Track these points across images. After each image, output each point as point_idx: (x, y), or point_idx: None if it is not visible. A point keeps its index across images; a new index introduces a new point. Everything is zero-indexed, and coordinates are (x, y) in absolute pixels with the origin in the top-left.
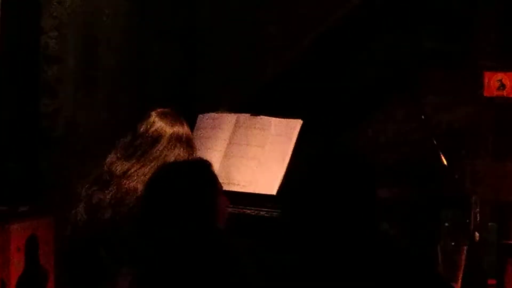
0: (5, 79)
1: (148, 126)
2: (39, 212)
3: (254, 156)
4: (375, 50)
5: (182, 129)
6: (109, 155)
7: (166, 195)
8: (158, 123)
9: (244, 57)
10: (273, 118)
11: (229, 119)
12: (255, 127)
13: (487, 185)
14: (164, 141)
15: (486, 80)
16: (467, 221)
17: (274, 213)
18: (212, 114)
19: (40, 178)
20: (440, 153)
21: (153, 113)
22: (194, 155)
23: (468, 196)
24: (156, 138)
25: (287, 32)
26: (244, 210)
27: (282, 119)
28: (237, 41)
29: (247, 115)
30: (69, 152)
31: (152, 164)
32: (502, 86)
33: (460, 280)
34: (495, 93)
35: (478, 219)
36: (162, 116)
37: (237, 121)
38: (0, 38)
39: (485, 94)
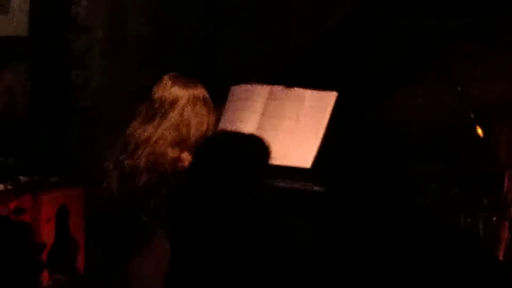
0: (36, 49)
1: (164, 90)
2: (69, 183)
3: (288, 129)
4: (406, 24)
5: (196, 90)
6: (131, 124)
7: (213, 165)
8: (173, 87)
9: (271, 27)
10: (308, 90)
11: (262, 90)
12: (289, 99)
13: None
14: (181, 103)
15: None
16: (504, 195)
17: (308, 186)
18: (245, 86)
19: (69, 148)
20: (476, 124)
21: (166, 77)
22: (213, 112)
23: (503, 170)
24: (174, 100)
25: (316, 3)
26: (278, 182)
27: (317, 91)
28: (265, 11)
29: (281, 87)
30: (97, 123)
31: (174, 126)
32: None
33: (502, 255)
34: None
35: None
36: (175, 79)
37: (270, 93)
38: (30, 9)
39: None
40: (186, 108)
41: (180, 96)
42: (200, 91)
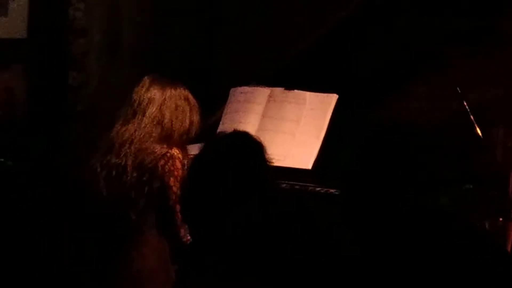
0: (35, 51)
1: (142, 91)
2: None
3: (289, 131)
4: (405, 25)
5: (175, 90)
6: (114, 126)
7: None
8: (151, 87)
9: (267, 31)
10: (308, 92)
11: (262, 92)
12: (289, 101)
13: None
14: (158, 100)
15: None
16: (505, 197)
17: (310, 187)
18: (245, 88)
19: (66, 151)
20: (475, 124)
21: (145, 78)
22: (196, 111)
23: (507, 171)
24: (151, 99)
25: (312, 6)
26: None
27: (317, 94)
28: (260, 15)
29: (281, 89)
30: (95, 125)
31: (155, 122)
32: None
33: None
34: None
35: None
36: (154, 80)
37: (270, 95)
38: (29, 11)
39: None
40: (164, 104)
41: (157, 94)
42: (180, 91)
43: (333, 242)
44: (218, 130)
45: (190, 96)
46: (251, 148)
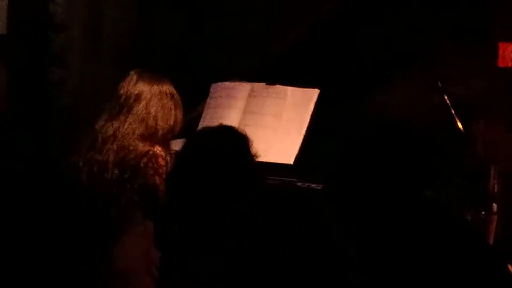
0: (15, 47)
1: (129, 86)
2: None
3: (270, 126)
4: (387, 22)
5: (162, 85)
6: (98, 121)
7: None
8: (138, 82)
9: (253, 25)
10: (290, 87)
11: (244, 88)
12: (271, 96)
13: (500, 156)
14: (146, 97)
15: (500, 51)
16: (487, 191)
17: (291, 182)
18: (226, 83)
19: (49, 147)
20: (456, 118)
21: (132, 73)
22: (180, 107)
23: (488, 166)
24: (138, 94)
25: (297, 2)
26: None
27: (299, 88)
28: (247, 8)
29: (262, 84)
30: (76, 121)
31: (140, 120)
32: None
33: None
34: (510, 64)
35: (496, 190)
36: (141, 74)
37: (252, 90)
38: (9, 7)
39: (499, 64)
40: (151, 102)
41: (144, 90)
42: (166, 87)
43: (321, 237)
44: (199, 126)
45: (175, 93)
46: (238, 142)
